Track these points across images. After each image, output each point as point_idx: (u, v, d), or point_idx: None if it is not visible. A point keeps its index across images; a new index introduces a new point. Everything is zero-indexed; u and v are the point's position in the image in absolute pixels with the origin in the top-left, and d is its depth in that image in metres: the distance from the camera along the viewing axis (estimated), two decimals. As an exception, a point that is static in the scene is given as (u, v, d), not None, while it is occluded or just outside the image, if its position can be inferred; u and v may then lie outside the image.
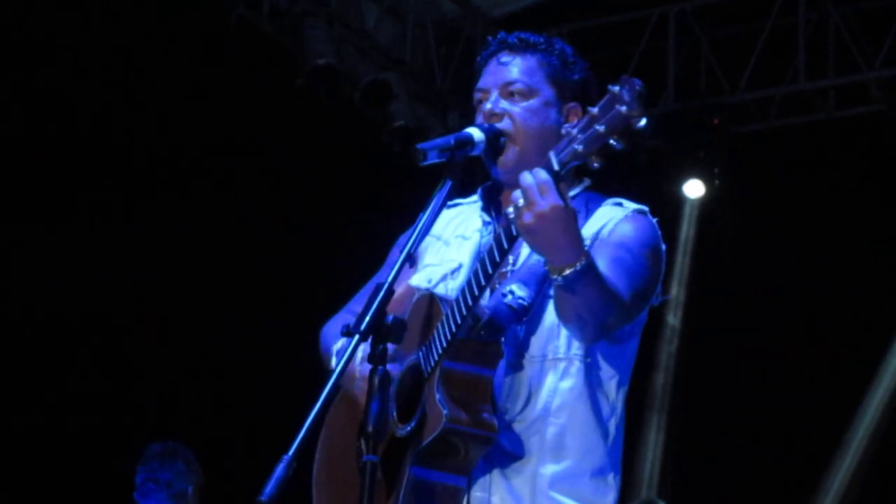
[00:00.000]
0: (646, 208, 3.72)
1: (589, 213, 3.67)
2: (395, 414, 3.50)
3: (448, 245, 3.77)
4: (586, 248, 3.30)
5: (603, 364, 3.62)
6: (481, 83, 3.78)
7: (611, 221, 3.64)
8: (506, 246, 3.37)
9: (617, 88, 3.19)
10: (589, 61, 3.85)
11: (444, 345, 3.43)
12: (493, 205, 3.80)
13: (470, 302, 3.40)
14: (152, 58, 8.40)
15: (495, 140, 3.65)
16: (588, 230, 3.62)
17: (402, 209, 4.05)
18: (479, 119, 3.75)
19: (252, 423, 8.89)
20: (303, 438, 3.06)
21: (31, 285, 8.67)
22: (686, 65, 9.14)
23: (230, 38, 8.48)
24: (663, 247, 3.70)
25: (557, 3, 9.22)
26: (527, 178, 3.24)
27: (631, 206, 3.71)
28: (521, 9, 9.38)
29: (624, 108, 3.15)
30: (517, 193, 3.25)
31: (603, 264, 3.44)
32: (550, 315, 3.54)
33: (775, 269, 8.94)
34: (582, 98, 3.75)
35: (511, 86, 3.70)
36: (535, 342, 3.57)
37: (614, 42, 9.01)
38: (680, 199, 9.06)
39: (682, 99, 9.10)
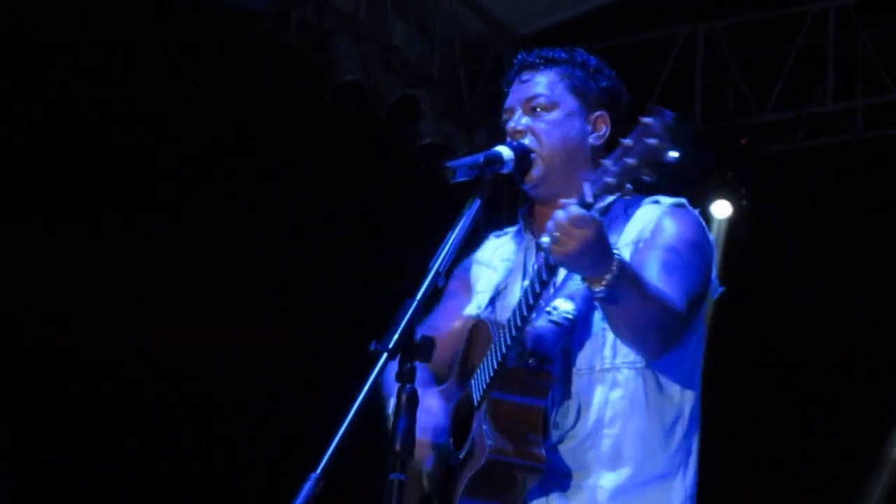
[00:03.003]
0: (684, 200, 3.73)
1: (628, 218, 3.67)
2: (451, 442, 3.54)
3: (496, 271, 3.80)
4: (619, 256, 3.30)
5: (660, 368, 3.59)
6: (506, 103, 3.80)
7: (650, 222, 3.64)
8: (545, 277, 3.40)
9: (648, 120, 3.18)
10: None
11: (492, 373, 3.46)
12: (530, 224, 3.80)
13: (514, 331, 3.42)
14: (178, 71, 8.42)
15: (524, 157, 3.65)
16: (628, 235, 3.63)
17: (428, 225, 4.04)
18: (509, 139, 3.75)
19: (278, 439, 8.88)
20: (330, 456, 3.05)
21: (31, 286, 8.69)
22: (714, 84, 9.11)
23: (258, 52, 8.49)
24: (709, 237, 3.71)
25: (585, 22, 9.21)
26: (559, 213, 3.25)
27: (667, 201, 3.71)
28: (548, 27, 9.37)
29: (654, 141, 3.15)
30: (550, 225, 3.26)
31: (652, 271, 3.46)
32: (596, 326, 3.55)
33: (803, 290, 8.90)
34: (609, 106, 3.76)
35: (533, 101, 3.72)
36: (583, 355, 3.57)
37: (642, 61, 8.99)
38: (707, 220, 9.01)
39: (710, 119, 9.07)
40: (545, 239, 3.28)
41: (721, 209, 8.97)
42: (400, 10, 8.91)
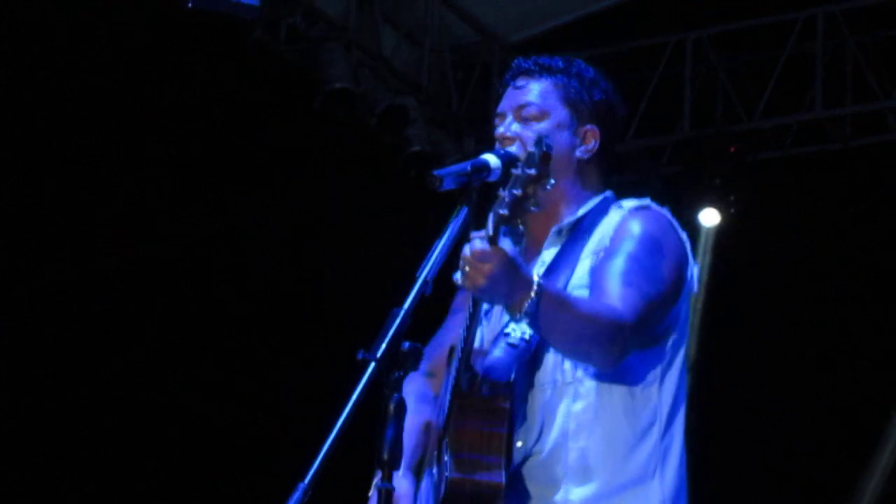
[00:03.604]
0: (647, 201, 3.66)
1: (594, 227, 3.65)
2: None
3: None
4: (538, 282, 3.27)
5: (632, 372, 3.54)
6: (498, 108, 3.77)
7: (611, 229, 3.59)
8: (471, 310, 3.41)
9: (531, 149, 3.22)
10: (606, 87, 3.80)
11: (448, 402, 3.44)
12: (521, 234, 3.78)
13: (457, 361, 3.42)
14: (168, 79, 8.42)
15: (511, 165, 3.62)
16: (591, 246, 3.59)
17: (417, 233, 4.04)
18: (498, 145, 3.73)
19: (266, 447, 8.88)
20: (319, 466, 3.04)
21: (33, 290, 8.70)
22: (702, 92, 9.13)
23: (247, 60, 8.50)
24: (676, 235, 3.62)
25: (574, 29, 9.23)
26: (465, 248, 3.26)
27: (630, 204, 3.65)
28: (538, 34, 9.38)
29: (533, 171, 3.18)
30: (462, 263, 3.28)
31: (609, 281, 3.41)
32: None
33: (791, 298, 8.91)
34: (601, 120, 3.72)
35: (524, 109, 3.69)
36: (544, 371, 3.53)
37: (631, 69, 9.01)
38: (695, 228, 9.03)
39: (698, 126, 9.08)
40: (457, 275, 3.29)
41: (709, 217, 8.98)
42: (389, 17, 8.92)
